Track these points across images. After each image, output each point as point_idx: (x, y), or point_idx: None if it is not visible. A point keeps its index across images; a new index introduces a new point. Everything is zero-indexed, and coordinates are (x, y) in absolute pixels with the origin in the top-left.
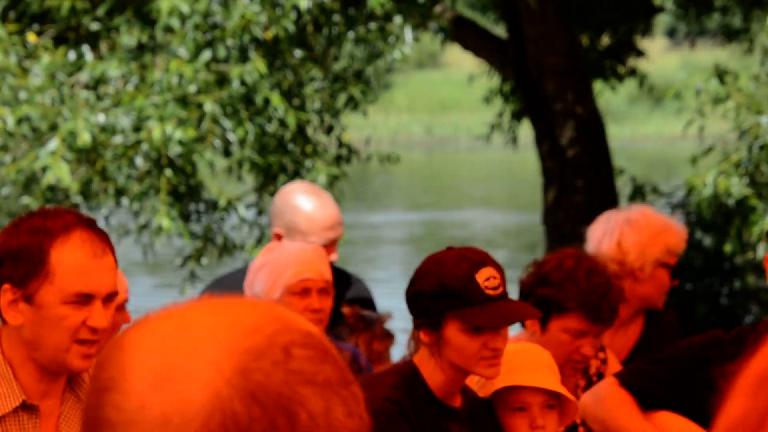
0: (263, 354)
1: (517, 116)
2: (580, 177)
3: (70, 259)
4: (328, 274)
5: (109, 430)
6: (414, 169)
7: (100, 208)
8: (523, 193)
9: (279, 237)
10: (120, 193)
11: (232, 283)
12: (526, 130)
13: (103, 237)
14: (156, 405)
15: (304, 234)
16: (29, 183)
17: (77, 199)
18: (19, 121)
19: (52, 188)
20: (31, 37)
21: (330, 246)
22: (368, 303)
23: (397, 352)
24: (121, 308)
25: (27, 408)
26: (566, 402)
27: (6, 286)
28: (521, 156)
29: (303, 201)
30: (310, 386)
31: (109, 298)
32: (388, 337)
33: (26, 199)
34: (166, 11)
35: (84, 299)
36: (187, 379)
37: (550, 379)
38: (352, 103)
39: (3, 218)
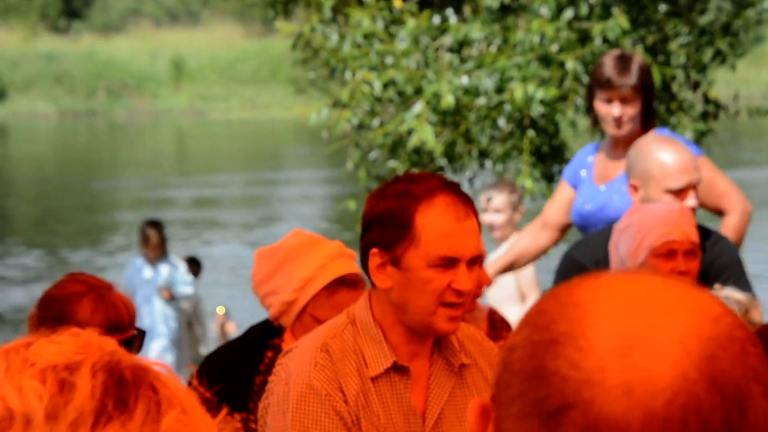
0: (725, 344)
1: None
2: None
3: (434, 223)
4: (694, 236)
5: (560, 383)
6: None
7: (464, 170)
8: None
9: (635, 188)
10: (483, 154)
11: (596, 243)
12: None
13: (466, 200)
14: (617, 372)
15: (658, 180)
16: (395, 146)
17: (441, 161)
18: (386, 86)
19: (417, 151)
20: (397, 3)
21: (686, 190)
22: (735, 265)
23: None
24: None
25: (398, 369)
26: None
27: (374, 250)
28: None
29: (654, 148)
30: (758, 384)
31: (474, 261)
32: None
33: (393, 163)
34: None
35: (449, 263)
36: (653, 354)
37: None
38: (719, 58)
39: (371, 182)
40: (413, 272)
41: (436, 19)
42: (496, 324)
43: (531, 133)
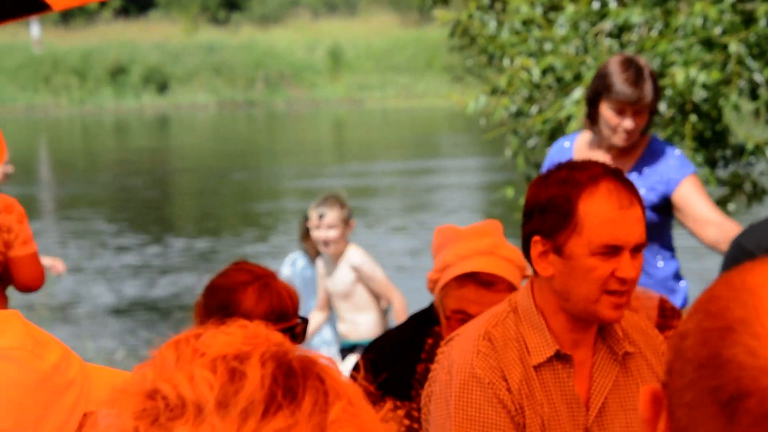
0: None
1: None
2: None
3: (597, 210)
4: None
5: (736, 371)
6: None
7: None
8: None
9: None
10: None
11: (765, 231)
12: None
13: (629, 187)
14: None
15: None
16: (554, 133)
17: None
18: (544, 72)
19: None
20: None
21: None
22: None
23: None
24: None
25: (561, 357)
26: None
27: (536, 237)
28: None
29: None
30: None
31: (637, 248)
32: None
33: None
34: None
35: (612, 250)
36: None
37: None
38: None
39: (530, 169)
40: (576, 260)
41: (596, 5)
42: (666, 313)
43: (693, 117)
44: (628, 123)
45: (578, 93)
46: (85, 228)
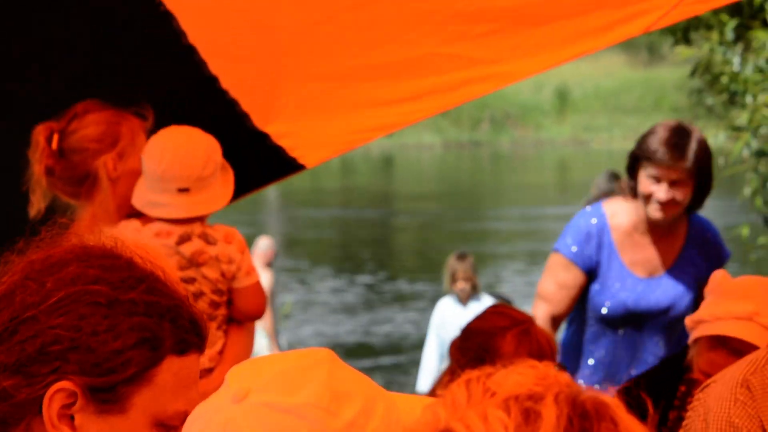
0: None
1: None
2: None
3: None
4: None
5: None
6: None
7: None
8: None
9: None
10: None
11: None
12: None
13: None
14: None
15: None
16: None
17: None
18: None
19: None
20: None
21: None
22: None
23: None
24: None
25: None
26: None
27: None
28: None
29: None
30: None
31: None
32: None
33: None
34: None
35: None
36: None
37: None
38: None
39: None
40: None
41: None
42: None
43: None
44: (660, 194)
45: None
46: (301, 267)
